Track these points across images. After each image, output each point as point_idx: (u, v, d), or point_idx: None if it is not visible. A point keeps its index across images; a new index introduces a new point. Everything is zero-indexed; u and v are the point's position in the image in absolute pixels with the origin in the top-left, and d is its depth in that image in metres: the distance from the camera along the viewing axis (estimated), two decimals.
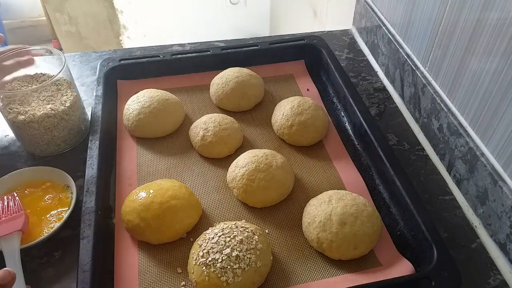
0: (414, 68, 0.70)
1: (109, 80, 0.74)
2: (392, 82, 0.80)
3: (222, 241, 0.49)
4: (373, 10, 0.85)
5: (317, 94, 0.76)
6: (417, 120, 0.72)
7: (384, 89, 0.81)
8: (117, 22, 2.01)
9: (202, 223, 0.57)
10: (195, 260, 0.49)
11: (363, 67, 0.86)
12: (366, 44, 0.90)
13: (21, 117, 0.61)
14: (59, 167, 0.61)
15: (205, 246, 0.49)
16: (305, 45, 0.81)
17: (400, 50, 0.74)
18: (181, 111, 0.70)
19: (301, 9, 1.54)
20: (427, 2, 0.65)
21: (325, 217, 0.52)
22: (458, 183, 0.62)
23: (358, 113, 0.65)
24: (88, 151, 0.60)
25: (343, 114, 0.72)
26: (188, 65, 0.78)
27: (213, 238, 0.49)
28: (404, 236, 0.54)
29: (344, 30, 0.97)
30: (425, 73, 0.69)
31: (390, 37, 0.77)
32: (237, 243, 0.49)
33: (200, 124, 0.66)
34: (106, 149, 0.63)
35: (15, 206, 0.54)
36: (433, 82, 0.67)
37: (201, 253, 0.49)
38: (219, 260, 0.47)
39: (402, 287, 0.47)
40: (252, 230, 0.51)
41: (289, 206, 0.59)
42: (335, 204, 0.53)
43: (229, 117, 0.68)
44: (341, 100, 0.72)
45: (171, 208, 0.53)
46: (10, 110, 0.62)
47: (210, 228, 0.52)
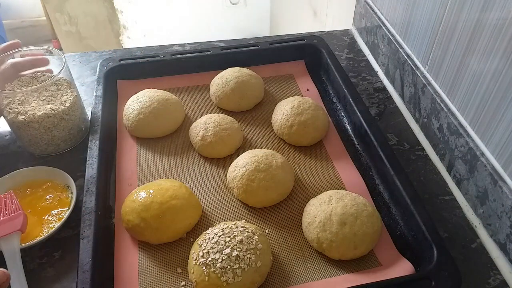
0: (414, 68, 0.70)
1: (109, 80, 0.74)
2: (392, 82, 0.80)
3: (222, 241, 0.49)
4: (373, 10, 0.85)
5: (317, 94, 0.76)
6: (417, 120, 0.72)
7: (384, 89, 0.81)
8: (117, 22, 2.01)
9: (202, 223, 0.57)
10: (195, 260, 0.49)
11: (363, 67, 0.86)
12: (366, 44, 0.90)
13: (21, 117, 0.61)
14: (59, 167, 0.61)
15: (205, 246, 0.49)
16: (305, 45, 0.81)
17: (400, 50, 0.74)
18: (181, 111, 0.70)
19: (301, 9, 1.54)
20: (427, 2, 0.65)
21: (325, 217, 0.52)
22: (458, 183, 0.62)
23: (358, 113, 0.65)
24: (88, 151, 0.60)
25: (343, 114, 0.72)
26: (188, 65, 0.78)
27: (213, 238, 0.49)
28: (404, 236, 0.54)
29: (344, 30, 0.97)
30: (425, 73, 0.69)
31: (390, 37, 0.77)
32: (237, 243, 0.49)
33: (200, 124, 0.66)
34: (106, 149, 0.63)
35: (13, 205, 0.53)
36: (433, 82, 0.67)
37: (201, 253, 0.49)
38: (219, 260, 0.47)
39: (402, 287, 0.47)
40: (252, 230, 0.51)
41: (289, 206, 0.59)
42: (335, 204, 0.53)
43: (229, 117, 0.68)
44: (341, 100, 0.72)
45: (171, 208, 0.53)
46: (10, 110, 0.62)
47: (210, 228, 0.52)
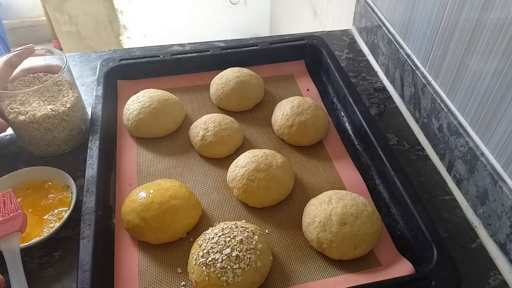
0: (414, 68, 0.70)
1: (109, 80, 0.74)
2: (392, 82, 0.80)
3: (222, 241, 0.49)
4: (373, 10, 0.85)
5: (317, 94, 0.76)
6: (417, 120, 0.72)
7: (384, 89, 0.81)
8: (117, 22, 2.01)
9: (202, 223, 0.57)
10: (195, 260, 0.49)
11: (363, 67, 0.86)
12: (366, 44, 0.90)
13: (21, 118, 0.61)
14: (59, 167, 0.61)
15: (205, 246, 0.49)
16: (305, 45, 0.81)
17: (400, 50, 0.74)
18: (181, 111, 0.70)
19: (301, 9, 1.54)
20: (427, 2, 0.65)
21: (325, 217, 0.52)
22: (458, 183, 0.62)
23: (358, 113, 0.65)
24: (88, 151, 0.60)
25: (343, 114, 0.72)
26: (188, 65, 0.78)
27: (213, 238, 0.49)
28: (404, 236, 0.54)
29: (344, 30, 0.97)
30: (425, 73, 0.69)
31: (390, 37, 0.77)
32: (237, 243, 0.49)
33: (200, 124, 0.66)
34: (106, 149, 0.63)
35: (13, 205, 0.53)
36: (433, 82, 0.67)
37: (201, 253, 0.49)
38: (219, 260, 0.47)
39: (402, 287, 0.47)
40: (252, 230, 0.51)
41: (289, 206, 0.59)
42: (335, 204, 0.53)
43: (229, 117, 0.68)
44: (341, 100, 0.72)
45: (171, 208, 0.53)
46: (11, 110, 0.62)
47: (210, 228, 0.52)
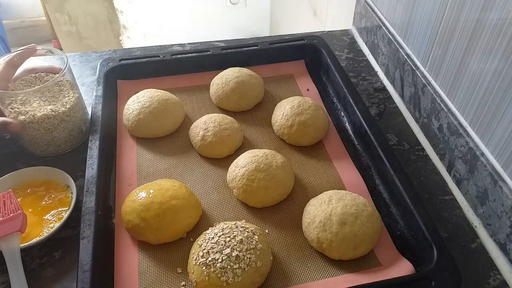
0: (414, 68, 0.70)
1: (109, 80, 0.74)
2: (392, 82, 0.80)
3: (222, 241, 0.49)
4: (373, 10, 0.85)
5: (317, 94, 0.76)
6: (417, 120, 0.72)
7: (384, 89, 0.81)
8: (117, 22, 2.01)
9: (202, 223, 0.57)
10: (195, 260, 0.49)
11: (363, 67, 0.86)
12: (366, 44, 0.90)
13: (21, 118, 0.61)
14: (59, 167, 0.61)
15: (205, 246, 0.49)
16: (305, 45, 0.81)
17: (400, 50, 0.74)
18: (181, 111, 0.70)
19: (301, 9, 1.54)
20: (427, 2, 0.65)
21: (325, 217, 0.52)
22: (458, 183, 0.62)
23: (358, 113, 0.65)
24: (88, 151, 0.60)
25: (343, 114, 0.72)
26: (188, 65, 0.78)
27: (213, 238, 0.49)
28: (404, 236, 0.54)
29: (344, 30, 0.97)
30: (425, 73, 0.69)
31: (390, 37, 0.77)
32: (237, 243, 0.49)
33: (200, 124, 0.66)
34: (106, 149, 0.63)
35: (12, 205, 0.53)
36: (433, 82, 0.67)
37: (201, 253, 0.49)
38: (219, 260, 0.47)
39: (402, 287, 0.47)
40: (252, 230, 0.51)
41: (289, 206, 0.59)
42: (335, 204, 0.53)
43: (229, 117, 0.68)
44: (341, 100, 0.72)
45: (171, 208, 0.53)
46: (12, 110, 0.62)
47: (210, 228, 0.52)
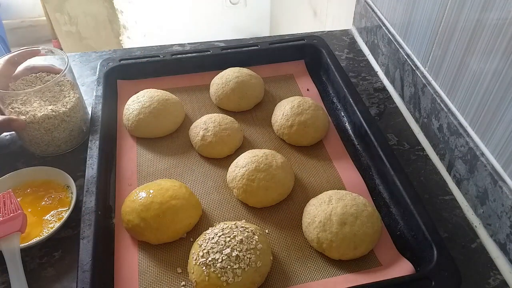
0: (414, 68, 0.70)
1: (109, 80, 0.74)
2: (392, 82, 0.80)
3: (222, 241, 0.49)
4: (373, 10, 0.85)
5: (317, 94, 0.76)
6: (417, 120, 0.72)
7: (384, 89, 0.81)
8: (117, 22, 2.01)
9: (202, 223, 0.57)
10: (195, 260, 0.49)
11: (363, 67, 0.86)
12: (366, 44, 0.90)
13: (22, 117, 0.61)
14: (59, 167, 0.61)
15: (205, 246, 0.49)
16: (305, 45, 0.81)
17: (400, 50, 0.74)
18: (181, 111, 0.70)
19: (301, 9, 1.54)
20: (427, 2, 0.65)
21: (325, 217, 0.52)
22: (458, 183, 0.62)
23: (358, 113, 0.65)
24: (88, 151, 0.60)
25: (343, 114, 0.72)
26: (188, 65, 0.78)
27: (213, 238, 0.49)
28: (404, 236, 0.54)
29: (344, 30, 0.97)
30: (425, 73, 0.69)
31: (390, 37, 0.77)
32: (237, 243, 0.49)
33: (200, 124, 0.66)
34: (106, 149, 0.63)
35: (12, 205, 0.53)
36: (433, 82, 0.67)
37: (201, 253, 0.49)
38: (219, 260, 0.47)
39: (402, 287, 0.47)
40: (252, 230, 0.51)
41: (289, 206, 0.59)
42: (335, 204, 0.53)
43: (229, 117, 0.68)
44: (341, 100, 0.72)
45: (171, 208, 0.53)
46: (12, 110, 0.62)
47: (210, 228, 0.52)
